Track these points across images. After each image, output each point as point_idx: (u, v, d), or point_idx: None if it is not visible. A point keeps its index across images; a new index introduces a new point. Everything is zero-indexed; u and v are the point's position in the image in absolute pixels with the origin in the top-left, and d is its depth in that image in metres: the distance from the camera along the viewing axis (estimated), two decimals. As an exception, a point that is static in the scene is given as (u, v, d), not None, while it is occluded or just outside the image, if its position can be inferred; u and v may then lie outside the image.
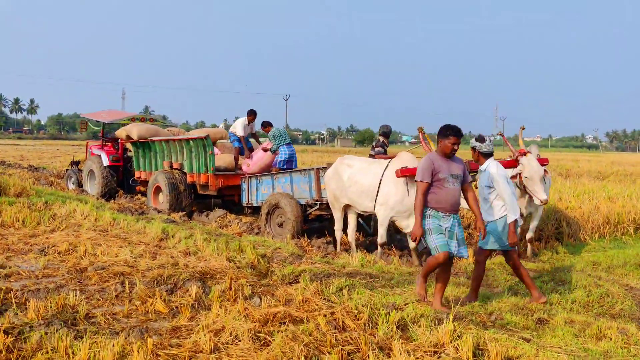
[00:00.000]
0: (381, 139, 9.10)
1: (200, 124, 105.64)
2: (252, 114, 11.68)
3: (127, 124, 13.36)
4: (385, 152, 8.88)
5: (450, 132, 5.13)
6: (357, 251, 7.76)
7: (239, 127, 11.62)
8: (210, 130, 13.27)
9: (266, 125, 11.07)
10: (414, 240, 5.17)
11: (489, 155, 5.51)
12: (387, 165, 7.27)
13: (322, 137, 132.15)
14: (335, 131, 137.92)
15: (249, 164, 11.12)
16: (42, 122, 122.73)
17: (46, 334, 4.21)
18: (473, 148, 5.54)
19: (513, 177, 7.07)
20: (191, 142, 11.33)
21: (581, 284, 6.08)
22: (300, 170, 9.26)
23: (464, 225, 8.32)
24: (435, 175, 5.08)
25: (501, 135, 8.26)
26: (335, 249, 8.31)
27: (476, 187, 6.15)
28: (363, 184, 7.41)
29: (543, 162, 7.61)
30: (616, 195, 10.44)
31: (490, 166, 5.46)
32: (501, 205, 5.41)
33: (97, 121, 14.61)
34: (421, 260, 7.35)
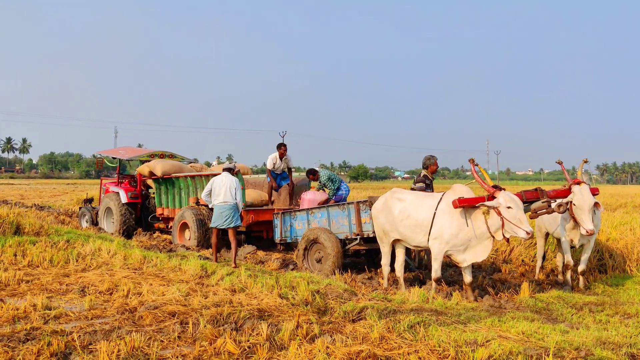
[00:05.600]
0: (423, 172, 8.42)
1: (194, 161, 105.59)
2: (281, 147, 11.28)
3: (147, 161, 13.19)
4: (426, 188, 8.23)
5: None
6: (404, 287, 7.55)
7: (268, 162, 11.42)
8: (237, 165, 13.11)
9: (313, 173, 10.68)
10: None
11: (226, 170, 9.60)
12: (441, 197, 7.04)
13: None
14: (328, 167, 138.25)
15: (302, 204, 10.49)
16: (34, 161, 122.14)
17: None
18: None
19: (559, 205, 7.01)
20: (219, 177, 11.10)
21: (649, 316, 5.94)
22: (338, 204, 9.04)
23: None
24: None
25: (560, 163, 8.15)
26: (380, 284, 8.08)
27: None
28: (416, 217, 7.12)
29: (594, 191, 7.52)
30: (652, 226, 10.31)
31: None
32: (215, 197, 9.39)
33: (114, 158, 14.41)
34: (476, 296, 7.14)
